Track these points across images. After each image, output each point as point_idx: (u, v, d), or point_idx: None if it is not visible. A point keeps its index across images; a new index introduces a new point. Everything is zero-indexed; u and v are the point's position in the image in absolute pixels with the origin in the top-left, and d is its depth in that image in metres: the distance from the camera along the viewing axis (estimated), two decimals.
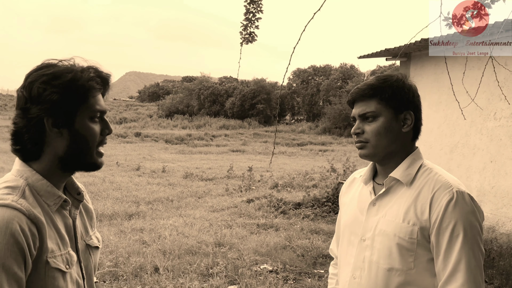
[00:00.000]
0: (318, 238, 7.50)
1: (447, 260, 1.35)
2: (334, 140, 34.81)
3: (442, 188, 1.40)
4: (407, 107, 1.52)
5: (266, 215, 9.61)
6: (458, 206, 1.36)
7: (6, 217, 1.09)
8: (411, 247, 1.41)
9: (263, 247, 6.71)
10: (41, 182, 1.22)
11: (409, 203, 1.44)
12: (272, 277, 5.24)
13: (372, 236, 1.50)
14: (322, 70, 52.11)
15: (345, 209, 1.72)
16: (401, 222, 1.43)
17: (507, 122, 5.69)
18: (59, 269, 1.19)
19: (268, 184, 13.35)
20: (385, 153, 1.52)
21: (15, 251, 1.08)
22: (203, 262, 5.66)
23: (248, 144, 32.14)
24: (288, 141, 34.06)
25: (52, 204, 1.23)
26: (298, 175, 15.00)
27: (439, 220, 1.37)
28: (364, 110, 1.52)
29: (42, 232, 1.16)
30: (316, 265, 6.17)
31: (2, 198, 1.13)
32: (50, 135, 1.21)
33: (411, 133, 1.54)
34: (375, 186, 1.59)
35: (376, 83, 1.52)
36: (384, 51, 7.81)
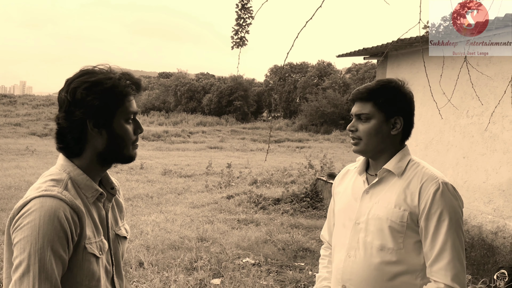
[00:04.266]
0: (298, 232, 7.68)
1: (435, 241, 1.55)
2: (310, 137, 35.14)
3: (429, 179, 1.61)
4: (397, 113, 1.70)
5: (246, 210, 9.76)
6: (444, 195, 1.57)
7: (53, 206, 1.24)
8: (401, 229, 1.61)
9: (245, 242, 6.84)
10: (82, 176, 1.37)
11: (400, 192, 1.64)
12: (255, 270, 5.38)
13: (366, 220, 1.69)
14: (299, 67, 52.45)
15: (339, 197, 1.90)
16: (393, 207, 1.63)
17: (479, 119, 5.96)
18: (94, 254, 1.34)
19: (247, 181, 13.49)
20: (375, 151, 1.72)
21: (61, 236, 1.23)
22: (187, 256, 5.76)
23: (225, 141, 32.20)
24: (265, 138, 34.22)
25: (90, 196, 1.38)
26: (277, 171, 15.18)
27: (428, 207, 1.57)
28: (360, 111, 1.71)
29: (82, 221, 1.31)
30: (296, 258, 6.35)
31: (49, 190, 1.28)
32: (91, 135, 1.36)
33: (400, 135, 1.73)
34: (368, 177, 1.79)
35: (374, 88, 1.70)
36: (362, 50, 8.02)
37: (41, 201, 1.24)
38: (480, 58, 5.70)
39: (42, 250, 1.19)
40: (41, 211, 1.22)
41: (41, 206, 1.23)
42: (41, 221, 1.21)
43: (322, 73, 48.99)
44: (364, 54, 8.32)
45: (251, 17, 2.90)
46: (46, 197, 1.25)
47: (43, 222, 1.21)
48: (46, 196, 1.25)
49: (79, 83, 1.33)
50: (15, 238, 1.22)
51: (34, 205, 1.24)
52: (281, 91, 51.45)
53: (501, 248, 5.37)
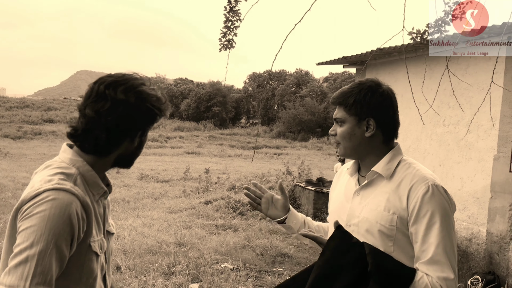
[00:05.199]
0: (276, 238, 7.69)
1: (426, 245, 1.50)
2: (288, 144, 35.32)
3: (419, 181, 1.57)
4: (368, 114, 1.66)
5: (224, 216, 9.73)
6: (434, 197, 1.53)
7: (66, 200, 1.22)
8: (391, 233, 1.57)
9: (223, 247, 6.82)
10: (91, 173, 1.35)
11: (390, 194, 1.60)
12: (233, 275, 5.37)
13: (357, 222, 1.66)
14: (277, 75, 52.74)
15: (333, 197, 1.90)
16: (382, 210, 1.59)
17: (455, 128, 6.10)
18: (95, 253, 1.33)
19: (225, 186, 13.45)
20: (355, 154, 1.72)
21: (68, 231, 1.21)
22: (165, 261, 5.71)
23: (203, 146, 32.07)
24: (243, 144, 34.25)
25: (96, 194, 1.37)
26: (255, 177, 15.18)
27: (416, 210, 1.53)
28: (335, 115, 1.73)
29: (90, 218, 1.29)
30: (275, 264, 6.35)
31: (62, 183, 1.25)
32: (128, 141, 1.38)
33: (379, 136, 1.69)
34: (359, 178, 1.76)
35: (346, 91, 1.70)
36: (341, 58, 8.13)
37: (55, 194, 1.22)
38: (457, 68, 5.84)
39: (46, 242, 1.16)
40: (53, 203, 1.20)
41: (54, 198, 1.21)
42: (51, 213, 1.18)
43: (300, 81, 49.38)
44: (344, 63, 8.43)
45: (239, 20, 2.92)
46: (60, 191, 1.23)
47: (53, 214, 1.19)
48: (60, 190, 1.23)
49: (143, 92, 1.35)
50: (21, 226, 1.19)
51: (47, 196, 1.21)
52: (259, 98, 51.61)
53: (475, 254, 5.49)
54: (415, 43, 6.13)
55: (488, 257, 5.39)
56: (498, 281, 5.05)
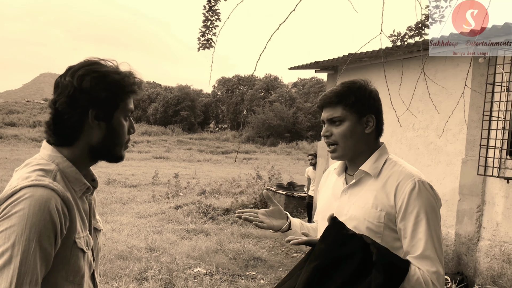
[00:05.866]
0: (249, 241, 7.67)
1: (415, 240, 1.54)
2: (257, 149, 35.39)
3: (405, 178, 1.60)
4: (369, 111, 1.69)
5: (195, 220, 9.64)
6: (420, 193, 1.56)
7: (44, 196, 1.17)
8: (379, 230, 1.60)
9: (195, 251, 6.74)
10: (71, 169, 1.30)
11: (377, 192, 1.63)
12: (207, 279, 5.31)
13: (344, 220, 1.65)
14: (246, 79, 52.87)
15: (321, 197, 1.91)
16: (370, 207, 1.62)
17: (424, 132, 6.25)
18: (82, 250, 1.28)
19: (195, 191, 13.34)
20: (353, 153, 1.71)
21: (50, 228, 1.16)
22: (136, 266, 5.59)
23: (172, 151, 31.73)
24: (212, 149, 34.09)
25: (78, 190, 1.32)
26: (225, 182, 15.13)
27: (404, 206, 1.56)
28: (331, 115, 1.69)
29: (72, 214, 1.24)
30: (248, 268, 6.32)
31: (40, 179, 1.21)
32: (89, 126, 1.30)
33: (374, 133, 1.73)
34: (347, 177, 1.78)
35: (341, 90, 1.70)
36: (313, 63, 8.21)
37: (32, 191, 1.17)
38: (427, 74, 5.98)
39: (28, 241, 1.13)
40: (31, 201, 1.16)
41: (31, 195, 1.16)
42: (30, 211, 1.14)
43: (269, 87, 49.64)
44: (316, 68, 8.52)
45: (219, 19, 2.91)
46: (37, 187, 1.18)
47: (32, 212, 1.14)
48: (37, 186, 1.19)
49: (87, 71, 1.28)
50: (0, 226, 1.14)
51: (25, 194, 1.17)
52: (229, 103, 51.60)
53: (444, 255, 5.61)
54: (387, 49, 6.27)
55: (456, 258, 5.52)
56: (466, 281, 5.19)
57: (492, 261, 5.01)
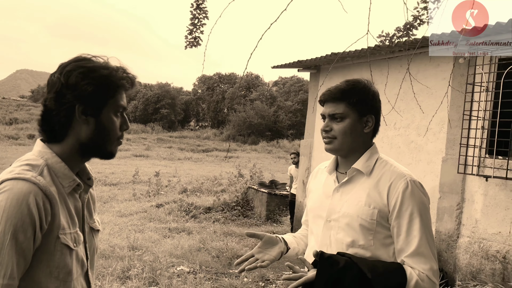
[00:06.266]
0: (232, 240, 7.68)
1: (409, 238, 1.59)
2: (238, 147, 35.37)
3: (398, 177, 1.65)
4: (370, 111, 1.74)
5: (177, 219, 9.60)
6: (413, 193, 1.62)
7: (24, 189, 1.16)
8: (371, 226, 1.64)
9: (178, 250, 6.72)
10: (60, 164, 1.29)
11: (370, 190, 1.68)
12: (191, 277, 5.30)
13: (337, 217, 1.71)
14: (227, 78, 52.75)
15: (311, 195, 1.93)
16: (363, 205, 1.66)
17: (405, 131, 6.35)
18: (68, 246, 1.26)
19: (176, 189, 13.28)
20: (348, 149, 1.75)
21: (27, 221, 1.15)
22: (119, 265, 5.54)
23: (152, 149, 31.46)
24: (193, 147, 33.95)
25: (67, 186, 1.30)
26: (207, 180, 15.09)
27: (398, 206, 1.61)
28: (333, 111, 1.73)
29: (55, 209, 1.23)
30: (231, 266, 6.33)
31: (22, 173, 1.20)
32: (77, 121, 1.30)
33: (371, 133, 1.78)
34: (338, 175, 1.81)
35: (346, 88, 1.73)
36: (296, 62, 8.25)
37: (12, 184, 1.17)
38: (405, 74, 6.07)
39: (2, 234, 1.12)
40: (9, 194, 1.15)
41: (10, 188, 1.16)
42: (7, 204, 1.14)
43: (250, 85, 49.62)
44: (298, 66, 8.56)
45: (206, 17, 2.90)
46: (18, 180, 1.18)
47: (9, 205, 1.14)
48: (18, 179, 1.18)
49: (74, 66, 1.28)
50: None
51: (4, 187, 1.17)
52: (209, 101, 51.42)
53: None
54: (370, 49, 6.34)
55: (437, 255, 5.63)
56: (447, 278, 5.29)
57: (471, 257, 5.13)
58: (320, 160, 8.69)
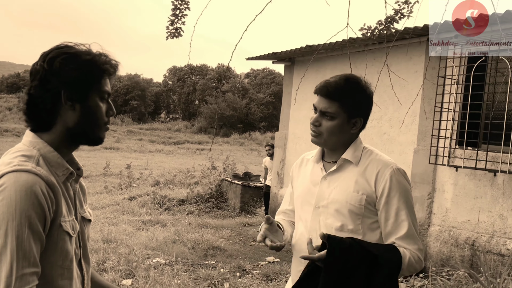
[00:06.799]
0: (207, 231, 7.68)
1: (398, 220, 1.70)
2: (210, 140, 35.22)
3: (384, 166, 1.74)
4: (360, 115, 1.77)
5: (150, 212, 9.54)
6: (399, 180, 1.72)
7: (30, 180, 1.16)
8: (360, 211, 1.72)
9: (153, 242, 6.69)
10: (53, 153, 1.29)
11: (358, 177, 1.75)
12: (169, 269, 5.29)
13: (326, 204, 1.78)
14: (198, 69, 52.35)
15: (298, 184, 1.97)
16: (352, 191, 1.74)
17: (378, 123, 6.48)
18: (68, 233, 1.27)
19: (148, 182, 13.16)
20: (334, 145, 1.81)
21: (39, 212, 1.16)
22: (94, 258, 5.47)
23: (122, 141, 31.00)
24: (164, 140, 33.64)
25: (61, 175, 1.30)
26: (179, 172, 15.00)
27: (386, 192, 1.70)
28: (325, 108, 1.73)
29: (58, 197, 1.24)
30: (207, 257, 6.35)
31: (22, 165, 1.20)
32: (63, 108, 1.29)
33: (357, 132, 1.82)
34: (324, 164, 1.87)
35: (344, 88, 1.73)
36: (271, 54, 8.28)
37: (16, 176, 1.17)
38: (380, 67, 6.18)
39: (20, 227, 1.13)
40: (16, 186, 1.15)
41: (16, 181, 1.16)
42: (17, 197, 1.14)
43: (222, 77, 49.41)
44: (273, 58, 8.60)
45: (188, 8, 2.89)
46: (20, 172, 1.18)
47: (19, 197, 1.14)
48: (20, 171, 1.18)
49: (57, 53, 1.28)
50: None
51: (8, 180, 1.17)
52: (180, 93, 50.94)
53: None
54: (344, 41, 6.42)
55: None
56: None
57: (442, 245, 5.30)
58: (294, 152, 8.79)
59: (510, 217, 4.73)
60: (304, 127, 8.11)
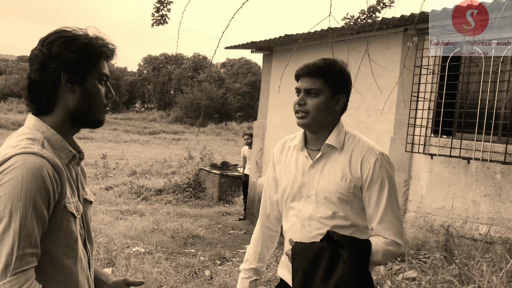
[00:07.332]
0: (186, 220, 7.70)
1: (378, 206, 1.75)
2: (186, 129, 35.04)
3: (368, 151, 1.78)
4: (342, 90, 1.84)
5: (128, 201, 9.49)
6: (382, 165, 1.77)
7: (36, 163, 1.19)
8: (349, 199, 1.77)
9: (132, 231, 6.68)
10: (56, 136, 1.32)
11: (344, 164, 1.79)
12: (150, 257, 5.29)
13: (315, 192, 1.81)
14: (174, 58, 51.77)
15: (282, 173, 1.97)
16: (340, 180, 1.77)
17: (356, 112, 6.58)
18: (72, 214, 1.31)
19: (125, 172, 13.05)
20: (319, 125, 1.83)
21: (44, 194, 1.19)
22: None
23: (96, 131, 30.38)
24: (139, 130, 33.25)
25: (64, 157, 1.33)
26: (156, 162, 14.91)
27: (370, 177, 1.75)
28: (310, 86, 1.79)
29: (62, 179, 1.27)
30: (187, 245, 6.38)
31: (29, 147, 1.22)
32: (63, 90, 1.32)
33: (340, 111, 1.88)
34: (309, 152, 1.89)
35: (324, 66, 1.80)
36: (250, 43, 8.28)
37: (23, 158, 1.19)
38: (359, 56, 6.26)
39: (24, 207, 1.16)
40: (23, 168, 1.18)
41: (23, 163, 1.19)
42: (24, 178, 1.17)
43: (198, 66, 49.03)
44: (252, 48, 8.59)
45: None
46: (28, 154, 1.20)
47: (26, 179, 1.17)
48: (27, 153, 1.21)
49: (55, 37, 1.30)
50: None
51: (16, 161, 1.19)
52: (155, 82, 50.34)
53: None
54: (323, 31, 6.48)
55: None
56: None
57: (417, 231, 5.45)
58: (273, 140, 8.83)
59: (483, 203, 4.90)
60: (282, 116, 8.16)
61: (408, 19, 5.55)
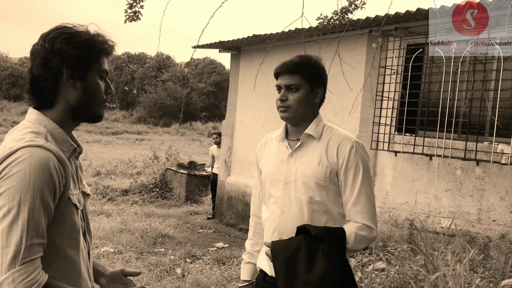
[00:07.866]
0: (154, 220, 7.66)
1: (353, 190, 1.86)
2: (150, 130, 34.58)
3: (344, 139, 1.91)
4: (320, 84, 1.97)
5: (93, 202, 9.33)
6: (357, 152, 1.89)
7: (43, 155, 1.23)
8: (325, 183, 1.88)
9: (100, 232, 6.59)
10: (58, 130, 1.35)
11: (321, 152, 1.91)
12: (121, 257, 5.25)
13: (294, 179, 1.92)
14: (137, 57, 51.01)
15: (265, 164, 2.09)
16: (317, 166, 1.89)
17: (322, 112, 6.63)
18: (75, 205, 1.35)
19: (89, 172, 12.80)
20: (301, 117, 1.96)
21: (50, 186, 1.23)
22: None
23: None
24: (101, 130, 32.51)
25: (66, 150, 1.36)
26: (120, 163, 14.70)
27: (345, 163, 1.87)
28: (289, 82, 1.92)
29: (67, 172, 1.31)
30: (156, 245, 6.36)
31: (34, 140, 1.25)
32: (65, 85, 1.35)
33: (319, 103, 2.02)
34: (289, 142, 2.01)
35: (300, 62, 1.93)
36: (218, 43, 8.31)
37: (30, 151, 1.23)
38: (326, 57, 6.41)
39: (32, 198, 1.20)
40: (31, 161, 1.21)
41: (30, 155, 1.22)
42: (31, 170, 1.21)
43: (161, 65, 48.48)
44: (220, 47, 8.63)
45: None
46: (34, 147, 1.24)
47: (33, 171, 1.21)
48: (34, 146, 1.24)
49: (57, 33, 1.33)
50: (1, 187, 1.20)
51: (23, 154, 1.22)
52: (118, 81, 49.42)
53: None
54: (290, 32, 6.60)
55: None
56: None
57: (382, 225, 5.64)
58: (241, 139, 8.90)
59: (444, 198, 5.13)
60: (251, 115, 8.24)
61: (373, 21, 5.73)
